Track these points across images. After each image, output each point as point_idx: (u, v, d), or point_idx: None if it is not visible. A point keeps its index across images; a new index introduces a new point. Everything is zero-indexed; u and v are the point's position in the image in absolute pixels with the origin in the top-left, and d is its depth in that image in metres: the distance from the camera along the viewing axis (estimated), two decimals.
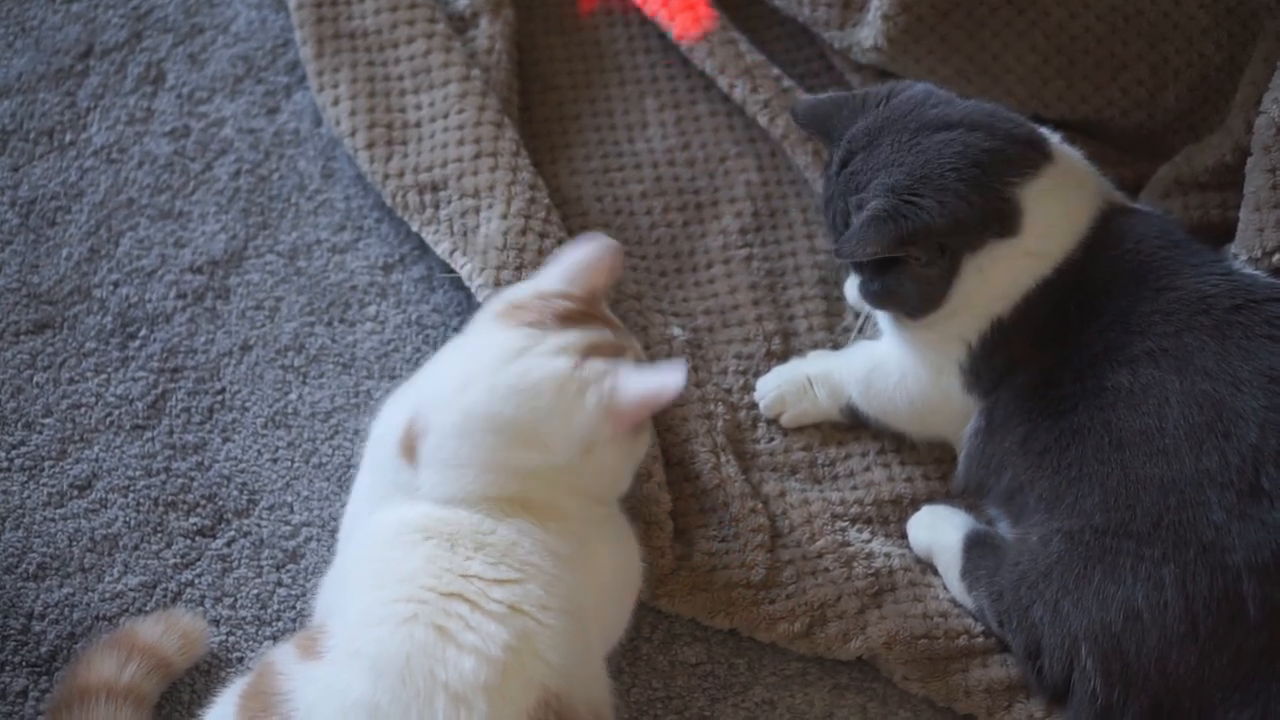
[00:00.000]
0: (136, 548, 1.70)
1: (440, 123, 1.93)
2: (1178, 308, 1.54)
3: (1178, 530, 1.47)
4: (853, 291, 1.86)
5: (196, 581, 1.68)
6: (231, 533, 1.72)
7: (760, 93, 1.99)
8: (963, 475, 1.70)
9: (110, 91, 2.04)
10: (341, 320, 1.88)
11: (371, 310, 1.89)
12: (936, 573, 1.69)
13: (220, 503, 1.74)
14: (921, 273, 1.59)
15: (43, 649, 1.63)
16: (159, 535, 1.71)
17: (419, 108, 1.95)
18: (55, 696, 1.54)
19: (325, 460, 1.78)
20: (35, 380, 1.81)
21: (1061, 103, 1.93)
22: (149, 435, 1.78)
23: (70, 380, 1.81)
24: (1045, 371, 1.59)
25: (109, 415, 1.79)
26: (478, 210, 1.85)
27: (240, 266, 1.92)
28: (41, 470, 1.75)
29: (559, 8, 2.15)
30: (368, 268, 1.92)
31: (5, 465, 1.75)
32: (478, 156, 1.89)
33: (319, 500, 1.75)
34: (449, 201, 1.87)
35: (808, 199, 1.97)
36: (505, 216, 1.83)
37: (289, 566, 1.70)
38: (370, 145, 1.93)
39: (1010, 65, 1.92)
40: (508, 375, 1.41)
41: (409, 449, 1.42)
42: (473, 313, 1.56)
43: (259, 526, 1.72)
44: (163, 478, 1.75)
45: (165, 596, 1.67)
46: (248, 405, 1.81)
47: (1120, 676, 1.49)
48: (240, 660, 1.63)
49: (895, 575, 1.67)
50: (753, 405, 1.81)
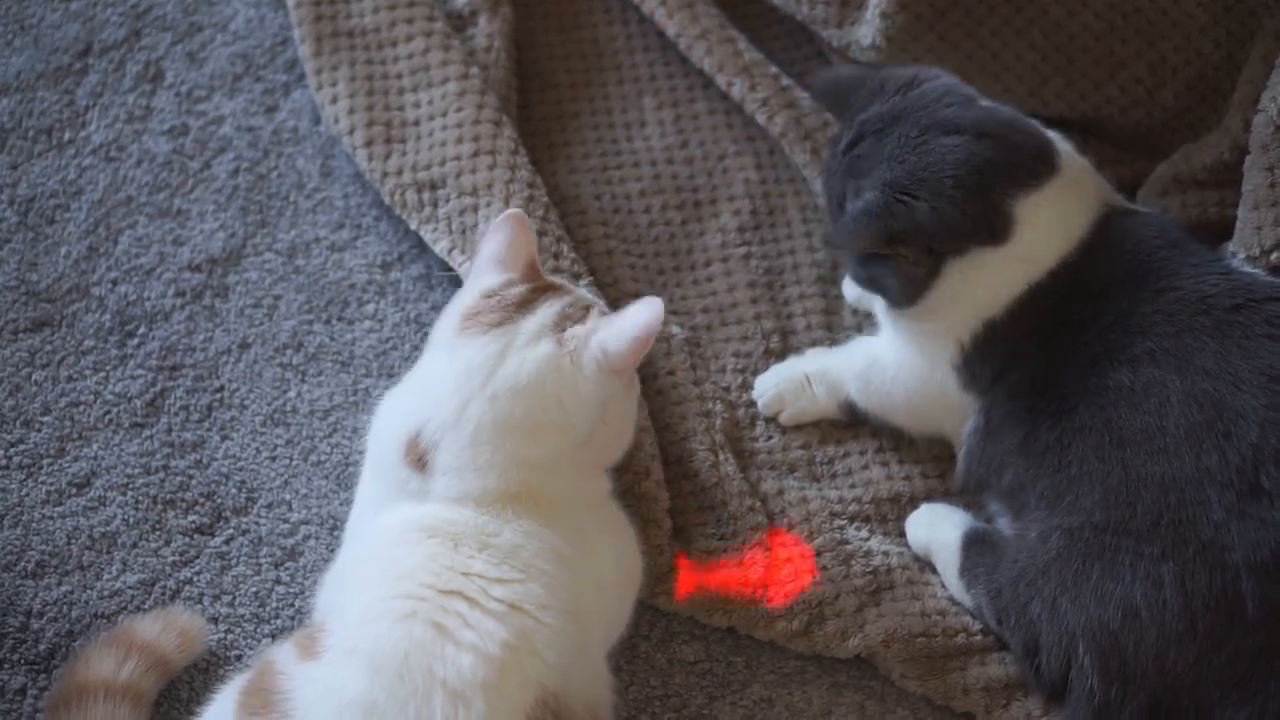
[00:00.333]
0: (135, 545, 1.70)
1: (439, 121, 1.93)
2: (1178, 308, 1.54)
3: (1177, 528, 1.47)
4: (851, 290, 1.87)
5: (195, 579, 1.68)
6: (230, 530, 1.72)
7: (758, 91, 1.99)
8: (962, 473, 1.70)
9: (109, 90, 2.04)
10: (340, 318, 1.88)
11: (370, 308, 1.89)
12: (935, 571, 1.69)
13: (219, 500, 1.74)
14: (908, 269, 1.59)
15: (41, 647, 1.63)
16: (157, 533, 1.71)
17: (417, 106, 1.95)
18: (53, 694, 1.54)
19: (324, 458, 1.77)
20: (34, 378, 1.81)
21: (1060, 101, 1.93)
22: (147, 433, 1.78)
23: (69, 378, 1.81)
24: (1045, 371, 1.59)
25: (107, 413, 1.79)
26: (476, 208, 1.85)
27: (239, 264, 1.92)
28: (40, 468, 1.75)
29: (557, 6, 2.15)
30: (366, 266, 1.92)
31: (4, 463, 1.75)
32: (476, 155, 1.88)
33: (317, 498, 1.74)
34: (447, 200, 1.87)
35: (806, 197, 1.97)
36: None
37: (287, 564, 1.70)
38: (369, 143, 1.93)
39: (1009, 63, 1.92)
40: (502, 380, 1.41)
41: (419, 462, 1.41)
42: None
43: (257, 524, 1.72)
44: (161, 475, 1.75)
45: (164, 594, 1.67)
46: (246, 403, 1.81)
47: (1118, 674, 1.49)
48: (239, 658, 1.63)
49: (893, 573, 1.67)
50: (751, 403, 1.81)
